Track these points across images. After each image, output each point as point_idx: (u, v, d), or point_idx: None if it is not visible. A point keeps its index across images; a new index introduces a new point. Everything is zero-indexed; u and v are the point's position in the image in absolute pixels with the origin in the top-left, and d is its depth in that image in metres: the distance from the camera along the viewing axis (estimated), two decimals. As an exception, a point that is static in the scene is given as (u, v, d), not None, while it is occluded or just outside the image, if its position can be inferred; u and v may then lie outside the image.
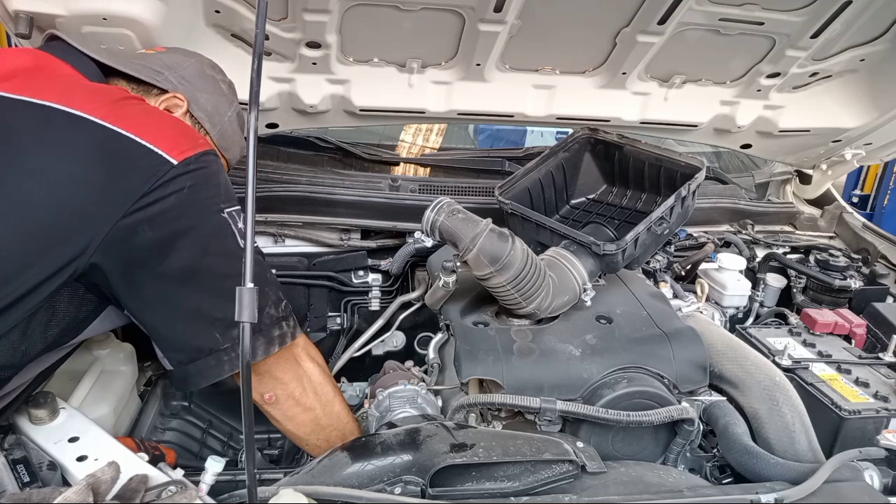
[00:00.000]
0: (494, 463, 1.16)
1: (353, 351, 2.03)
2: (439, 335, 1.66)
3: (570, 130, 2.08)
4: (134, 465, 1.17)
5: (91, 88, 1.26)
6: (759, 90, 2.10)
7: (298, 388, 1.37)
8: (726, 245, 2.30)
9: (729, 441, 1.36)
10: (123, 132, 1.15)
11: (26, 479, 1.15)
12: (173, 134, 1.21)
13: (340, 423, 1.46)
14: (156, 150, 1.15)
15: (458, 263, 1.48)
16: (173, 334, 1.22)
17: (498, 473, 1.15)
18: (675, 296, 1.91)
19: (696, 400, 1.43)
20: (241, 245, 1.20)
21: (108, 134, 1.14)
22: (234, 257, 1.19)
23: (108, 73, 1.36)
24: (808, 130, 2.27)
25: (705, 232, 2.31)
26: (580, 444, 1.26)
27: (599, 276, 1.67)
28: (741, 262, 2.12)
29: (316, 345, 2.06)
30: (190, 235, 1.17)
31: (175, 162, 1.15)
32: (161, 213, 1.13)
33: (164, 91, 1.40)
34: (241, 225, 1.23)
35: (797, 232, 2.54)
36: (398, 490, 1.10)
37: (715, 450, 1.43)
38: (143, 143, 1.15)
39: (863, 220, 2.48)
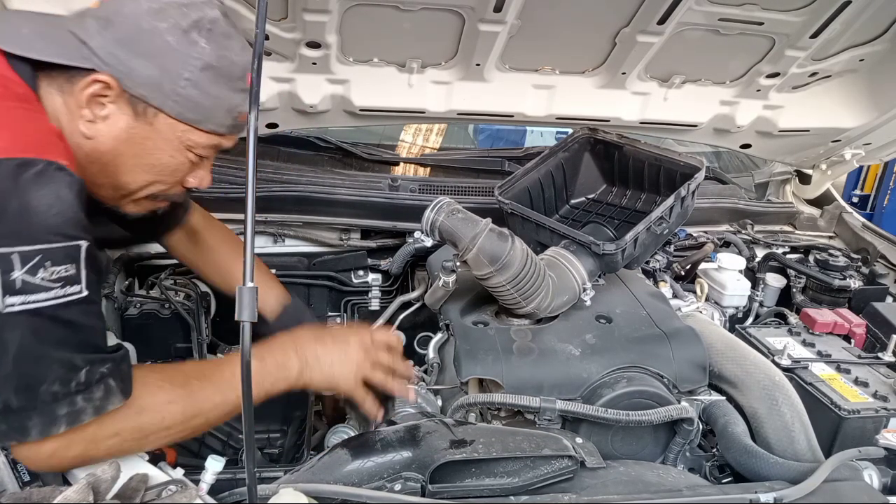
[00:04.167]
0: (494, 459, 1.16)
1: (353, 351, 2.03)
2: (439, 335, 1.66)
3: (570, 130, 2.08)
4: (134, 464, 1.16)
5: None
6: (758, 90, 2.10)
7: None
8: (726, 245, 2.30)
9: (728, 440, 1.36)
10: None
11: (26, 478, 1.15)
12: None
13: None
14: None
15: (458, 263, 1.48)
16: None
17: (497, 469, 1.16)
18: (675, 295, 1.92)
19: (695, 399, 1.44)
20: None
21: None
22: None
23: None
24: (808, 130, 2.27)
25: (705, 232, 2.31)
26: (579, 440, 1.26)
27: (599, 276, 1.67)
28: (741, 262, 2.12)
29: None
30: None
31: None
32: None
33: (90, 71, 1.11)
34: (17, 275, 0.92)
35: (797, 232, 2.54)
36: (398, 487, 1.10)
37: (714, 449, 1.44)
38: None
39: (862, 219, 2.48)
